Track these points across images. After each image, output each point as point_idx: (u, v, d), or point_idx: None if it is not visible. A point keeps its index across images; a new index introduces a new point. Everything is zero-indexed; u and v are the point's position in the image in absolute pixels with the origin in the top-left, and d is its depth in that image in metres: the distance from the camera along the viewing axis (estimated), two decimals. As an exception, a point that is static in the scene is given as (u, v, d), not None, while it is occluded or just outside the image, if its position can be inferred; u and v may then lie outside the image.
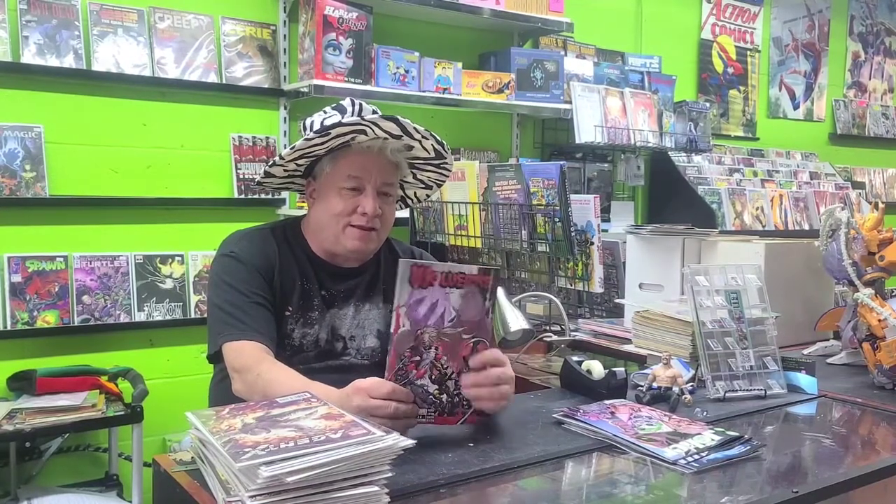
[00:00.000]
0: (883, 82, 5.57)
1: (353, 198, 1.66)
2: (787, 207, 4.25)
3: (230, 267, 1.67)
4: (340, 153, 1.67)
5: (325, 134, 1.58)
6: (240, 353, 1.58)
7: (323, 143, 1.62)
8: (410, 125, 1.62)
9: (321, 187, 1.71)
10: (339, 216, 1.67)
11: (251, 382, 1.52)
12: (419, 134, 1.65)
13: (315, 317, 1.71)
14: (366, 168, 1.66)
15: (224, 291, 1.65)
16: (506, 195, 2.50)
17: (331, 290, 1.74)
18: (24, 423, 2.26)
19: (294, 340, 1.69)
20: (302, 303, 1.70)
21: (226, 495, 1.01)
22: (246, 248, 1.69)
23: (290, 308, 1.69)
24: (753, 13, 4.73)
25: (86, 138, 2.74)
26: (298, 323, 1.70)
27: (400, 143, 1.69)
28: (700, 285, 1.74)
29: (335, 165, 1.68)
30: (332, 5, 2.93)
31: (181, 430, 2.74)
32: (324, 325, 1.72)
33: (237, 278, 1.65)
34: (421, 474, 1.18)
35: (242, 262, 1.67)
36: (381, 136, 1.64)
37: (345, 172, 1.66)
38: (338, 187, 1.67)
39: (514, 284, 2.55)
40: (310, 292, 1.71)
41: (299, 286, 1.70)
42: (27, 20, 2.60)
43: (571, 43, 3.79)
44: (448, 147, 1.74)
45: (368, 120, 1.58)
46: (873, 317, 1.78)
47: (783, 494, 1.15)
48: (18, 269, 2.59)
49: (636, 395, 1.61)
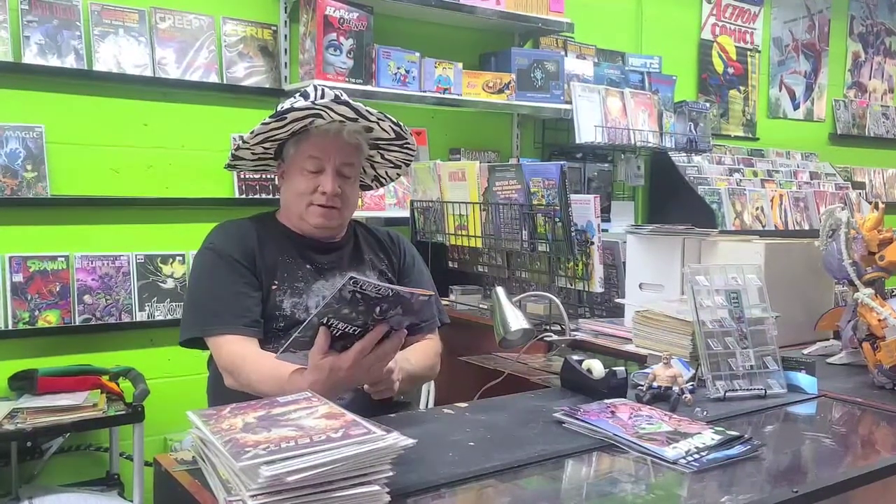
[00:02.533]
0: (883, 82, 5.57)
1: (314, 178, 1.77)
2: (787, 207, 4.25)
3: (210, 260, 1.76)
4: (302, 136, 1.78)
5: (280, 118, 1.69)
6: (226, 349, 1.66)
7: (281, 126, 1.73)
8: (363, 108, 1.72)
9: (287, 169, 1.83)
10: (302, 195, 1.78)
11: (244, 384, 1.63)
12: (374, 116, 1.75)
13: (302, 287, 1.79)
14: (325, 149, 1.77)
15: (201, 283, 1.75)
16: (506, 195, 2.51)
17: (316, 262, 1.83)
18: (26, 422, 2.26)
19: (285, 310, 1.76)
20: (286, 275, 1.78)
21: (227, 495, 1.01)
22: (222, 238, 1.79)
23: (276, 282, 1.77)
24: (753, 13, 4.73)
25: (87, 138, 2.75)
26: (286, 293, 1.77)
27: (358, 126, 1.79)
28: (700, 285, 1.74)
29: (298, 148, 1.79)
30: (333, 5, 2.94)
31: (182, 430, 2.75)
32: (312, 295, 1.79)
33: (214, 268, 1.74)
34: (421, 474, 1.18)
35: (220, 253, 1.75)
36: (336, 118, 1.74)
37: (306, 153, 1.77)
38: (300, 167, 1.78)
39: (514, 284, 2.56)
40: (293, 265, 1.80)
41: (281, 261, 1.79)
42: (28, 20, 2.60)
43: (572, 43, 3.79)
44: (406, 128, 1.83)
45: (320, 104, 1.68)
46: (873, 317, 1.78)
47: (783, 494, 1.15)
48: (20, 269, 2.59)
49: (636, 395, 1.61)
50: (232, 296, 1.71)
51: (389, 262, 1.97)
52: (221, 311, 1.69)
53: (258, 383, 1.58)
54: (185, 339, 1.73)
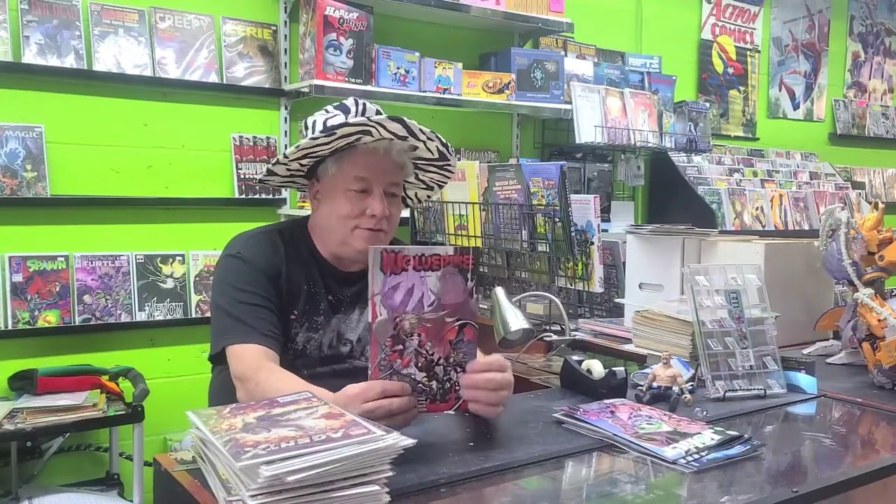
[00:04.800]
0: (883, 82, 5.57)
1: (360, 199, 1.63)
2: (786, 207, 4.25)
3: (235, 268, 1.65)
4: (345, 154, 1.64)
5: (330, 134, 1.55)
6: (240, 359, 1.56)
7: (328, 143, 1.59)
8: (416, 126, 1.60)
9: (326, 189, 1.68)
10: (347, 218, 1.64)
11: (251, 391, 1.50)
12: (424, 135, 1.63)
13: (320, 322, 1.69)
14: (373, 169, 1.63)
15: (228, 293, 1.63)
16: (506, 195, 2.51)
17: (337, 294, 1.72)
18: (26, 422, 2.26)
19: (298, 345, 1.67)
20: (308, 307, 1.68)
21: (227, 494, 1.01)
22: (252, 249, 1.67)
23: (296, 312, 1.67)
24: (753, 13, 4.73)
25: (87, 138, 2.75)
26: (303, 327, 1.68)
27: (405, 144, 1.66)
28: (700, 285, 1.74)
29: (340, 167, 1.65)
30: (333, 5, 2.94)
31: (182, 430, 2.75)
32: (328, 331, 1.70)
33: (242, 280, 1.63)
34: (421, 473, 1.18)
35: (248, 264, 1.64)
36: (386, 136, 1.61)
37: (351, 174, 1.63)
38: (344, 189, 1.64)
39: (514, 284, 2.56)
40: (316, 296, 1.69)
41: (305, 290, 1.68)
42: (28, 20, 2.60)
43: (572, 43, 3.79)
44: (452, 149, 1.72)
45: (374, 121, 1.55)
46: (873, 317, 1.78)
47: (783, 494, 1.15)
48: (20, 269, 2.59)
49: (636, 395, 1.61)
50: (258, 308, 1.61)
51: None
52: (245, 321, 1.59)
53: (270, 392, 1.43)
54: (214, 353, 1.63)
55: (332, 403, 1.29)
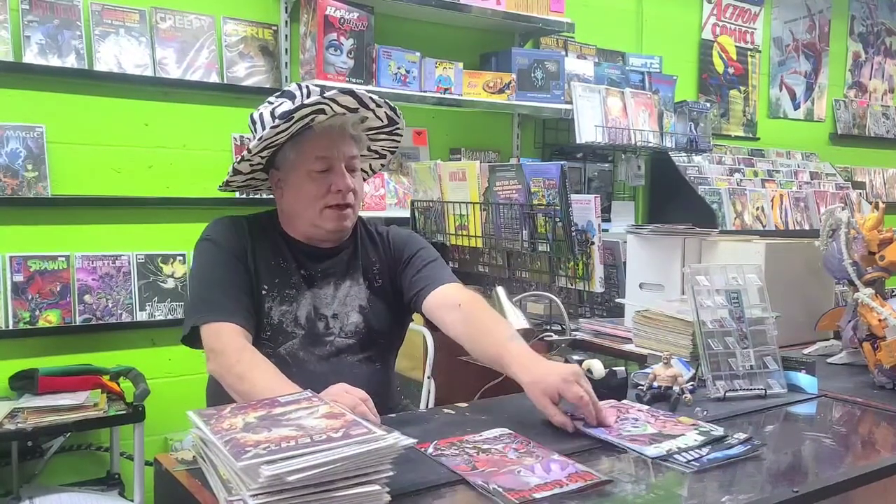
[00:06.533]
0: (883, 82, 5.57)
1: (324, 178, 1.67)
2: (787, 207, 4.25)
3: (205, 249, 1.70)
4: (302, 138, 1.67)
5: (288, 119, 1.58)
6: (218, 334, 1.56)
7: (287, 128, 1.62)
8: (366, 96, 1.64)
9: (287, 175, 1.71)
10: (315, 199, 1.68)
11: (227, 366, 1.50)
12: (374, 103, 1.67)
13: (293, 294, 1.71)
14: (331, 146, 1.67)
15: (199, 274, 1.68)
16: (506, 195, 2.51)
17: (309, 270, 1.74)
18: (26, 422, 2.26)
19: (273, 319, 1.68)
20: (278, 280, 1.70)
21: (227, 494, 1.01)
22: (220, 232, 1.72)
23: (266, 287, 1.69)
24: (754, 13, 4.73)
25: (88, 138, 2.75)
26: (276, 300, 1.69)
27: (357, 116, 1.70)
28: (700, 285, 1.74)
29: (299, 150, 1.68)
30: (334, 5, 2.94)
31: (183, 430, 2.75)
32: (303, 304, 1.71)
33: (211, 261, 1.67)
34: (422, 473, 1.19)
35: (216, 245, 1.69)
36: (339, 112, 1.64)
37: (312, 155, 1.67)
38: (307, 171, 1.67)
39: (514, 284, 2.56)
40: (287, 270, 1.72)
41: (273, 265, 1.71)
42: (29, 20, 2.60)
43: (572, 43, 3.79)
44: (401, 112, 1.75)
45: (328, 97, 1.58)
46: (873, 316, 1.78)
47: (783, 494, 1.15)
48: (20, 269, 2.59)
49: (636, 395, 1.61)
50: (230, 287, 1.63)
51: (382, 263, 1.83)
52: (219, 300, 1.60)
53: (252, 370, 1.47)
54: (187, 333, 1.63)
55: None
